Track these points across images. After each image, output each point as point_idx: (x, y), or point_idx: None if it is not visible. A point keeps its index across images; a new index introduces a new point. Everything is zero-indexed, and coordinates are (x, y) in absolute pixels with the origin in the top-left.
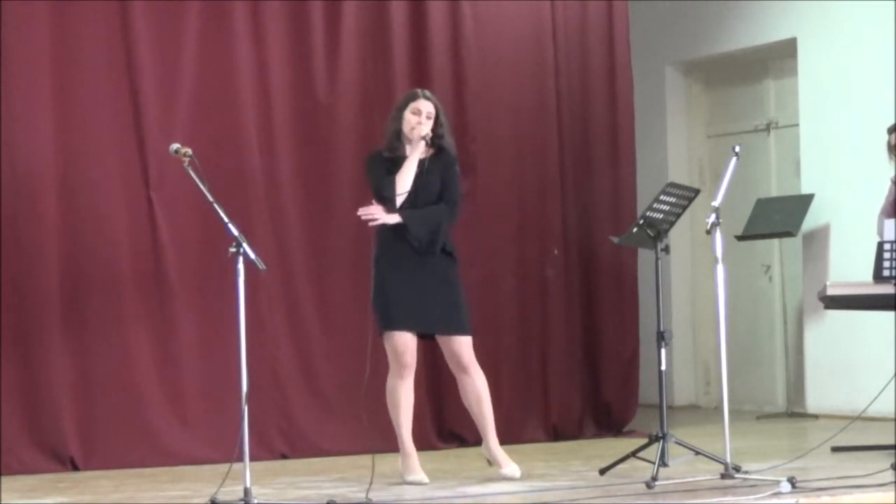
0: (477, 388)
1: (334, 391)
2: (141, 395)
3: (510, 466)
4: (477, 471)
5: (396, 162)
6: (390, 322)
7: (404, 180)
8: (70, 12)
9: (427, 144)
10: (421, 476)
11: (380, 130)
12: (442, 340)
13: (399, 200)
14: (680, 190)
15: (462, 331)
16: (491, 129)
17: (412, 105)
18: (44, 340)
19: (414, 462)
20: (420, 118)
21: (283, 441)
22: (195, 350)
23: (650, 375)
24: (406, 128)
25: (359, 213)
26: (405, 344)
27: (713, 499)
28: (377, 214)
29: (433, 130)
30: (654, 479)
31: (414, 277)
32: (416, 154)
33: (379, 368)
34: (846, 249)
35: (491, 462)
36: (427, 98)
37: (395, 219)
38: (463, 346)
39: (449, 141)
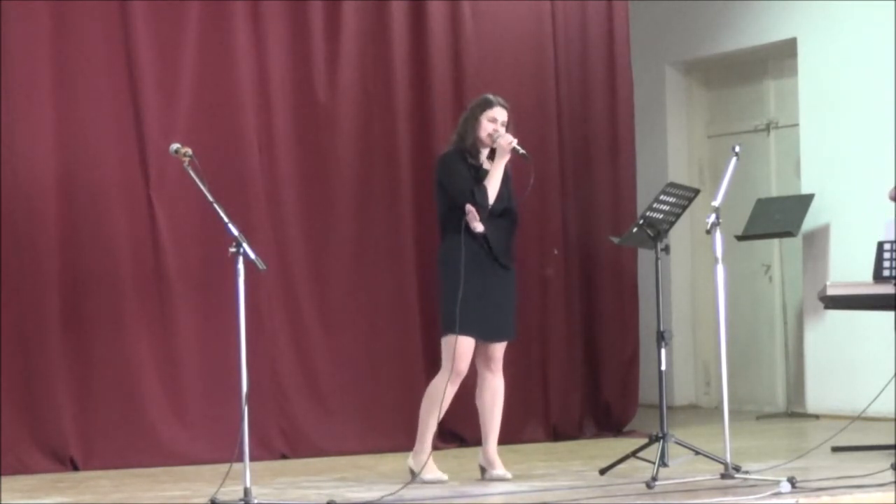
0: (495, 389)
1: (334, 391)
2: (141, 395)
3: (503, 469)
4: (477, 471)
5: (477, 169)
6: (461, 327)
7: (494, 190)
8: (70, 12)
9: (515, 154)
10: (439, 474)
11: (379, 130)
12: (483, 342)
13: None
14: (680, 190)
15: (510, 336)
16: None
17: (488, 113)
18: (44, 340)
19: (431, 461)
20: (497, 126)
21: (283, 441)
22: (195, 350)
23: (650, 375)
24: (483, 134)
25: (468, 212)
26: (467, 350)
27: (713, 499)
28: (476, 220)
29: None
30: (654, 479)
31: (487, 286)
32: (502, 163)
33: (380, 369)
34: (846, 249)
35: (485, 469)
36: (502, 105)
37: (481, 228)
38: (501, 348)
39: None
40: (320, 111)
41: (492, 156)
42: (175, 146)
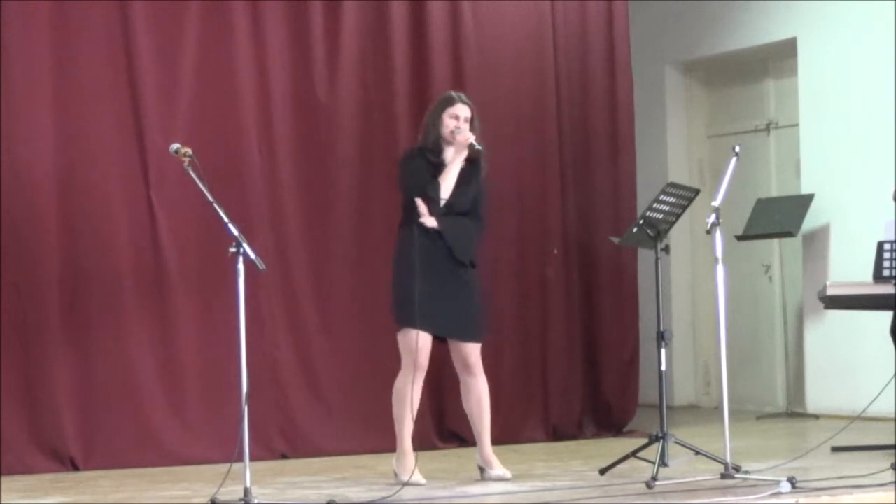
0: (479, 391)
1: (334, 391)
2: (141, 395)
3: (502, 469)
4: (477, 471)
5: (437, 166)
6: (410, 320)
7: (449, 185)
8: (70, 12)
9: (472, 150)
10: (417, 477)
11: (380, 130)
12: (453, 343)
13: (442, 204)
14: (680, 190)
15: (476, 338)
16: (491, 129)
17: (449, 110)
18: (44, 340)
19: (411, 462)
20: (458, 122)
21: (283, 441)
22: (195, 350)
23: (650, 375)
24: (445, 131)
25: (418, 205)
26: (424, 345)
27: (713, 499)
28: (424, 213)
29: None
30: (654, 479)
31: (441, 282)
32: (459, 159)
33: (380, 368)
34: (846, 249)
35: (483, 469)
36: (464, 102)
37: (433, 223)
38: (473, 351)
39: (482, 146)
40: (320, 111)
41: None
42: (175, 146)
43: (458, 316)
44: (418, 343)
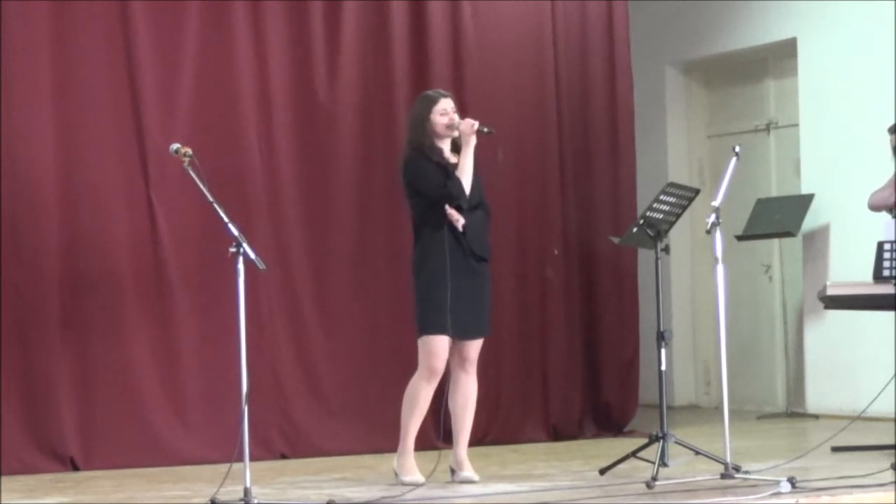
0: (468, 391)
1: (334, 391)
2: (141, 395)
3: (471, 471)
4: (477, 471)
5: (439, 165)
6: (437, 328)
7: (468, 180)
8: (70, 12)
9: (480, 135)
10: (418, 476)
11: (380, 130)
12: (460, 340)
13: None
14: (680, 190)
15: (485, 332)
16: None
17: (436, 108)
18: (44, 340)
19: (412, 462)
20: (450, 115)
21: (283, 441)
22: (195, 350)
23: (650, 375)
24: (440, 129)
25: (449, 214)
26: (443, 349)
27: (713, 499)
28: (457, 217)
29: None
30: (654, 479)
31: (466, 283)
32: (470, 151)
33: (380, 368)
34: (846, 249)
35: (454, 470)
36: (445, 96)
37: (463, 221)
38: (476, 346)
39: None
40: (320, 111)
41: (455, 149)
42: (175, 146)
43: (477, 315)
44: (439, 348)
